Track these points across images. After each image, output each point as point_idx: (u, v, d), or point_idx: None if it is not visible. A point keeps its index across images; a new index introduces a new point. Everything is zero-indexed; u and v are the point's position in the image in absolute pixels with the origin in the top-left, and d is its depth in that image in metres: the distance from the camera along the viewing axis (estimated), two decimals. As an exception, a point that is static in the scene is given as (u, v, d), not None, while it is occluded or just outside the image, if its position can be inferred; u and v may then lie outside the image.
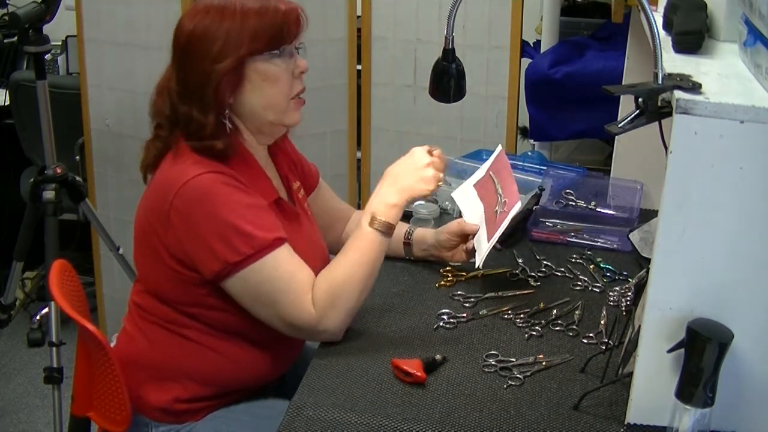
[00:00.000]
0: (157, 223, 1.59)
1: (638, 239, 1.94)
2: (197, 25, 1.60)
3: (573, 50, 2.82)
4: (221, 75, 1.58)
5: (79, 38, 2.99)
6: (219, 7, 1.60)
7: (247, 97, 1.62)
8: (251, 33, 1.58)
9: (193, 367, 1.65)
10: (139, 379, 1.66)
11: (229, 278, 1.56)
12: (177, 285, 1.62)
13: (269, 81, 1.62)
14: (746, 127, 1.21)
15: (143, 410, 1.66)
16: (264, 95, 1.63)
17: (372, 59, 2.96)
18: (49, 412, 2.74)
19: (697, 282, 1.29)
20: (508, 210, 1.85)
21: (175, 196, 1.54)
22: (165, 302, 1.65)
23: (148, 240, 1.63)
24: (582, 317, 1.72)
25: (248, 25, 1.59)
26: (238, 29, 1.58)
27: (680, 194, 1.25)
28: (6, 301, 2.93)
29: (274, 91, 1.64)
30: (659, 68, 1.31)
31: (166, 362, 1.66)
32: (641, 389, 1.36)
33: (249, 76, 1.61)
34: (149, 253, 1.64)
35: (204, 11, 1.61)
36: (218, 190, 1.55)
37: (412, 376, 1.49)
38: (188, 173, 1.55)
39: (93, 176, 3.10)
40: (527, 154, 2.82)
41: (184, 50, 1.61)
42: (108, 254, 2.98)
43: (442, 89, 1.93)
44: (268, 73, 1.62)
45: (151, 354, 1.67)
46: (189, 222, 1.55)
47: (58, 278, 1.76)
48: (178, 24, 1.64)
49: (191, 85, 1.60)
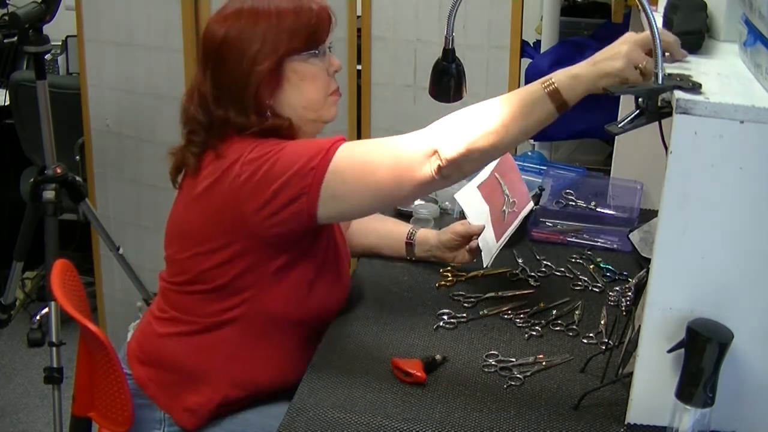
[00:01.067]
0: (222, 194, 1.56)
1: (638, 239, 1.94)
2: (230, 29, 1.59)
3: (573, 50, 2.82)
4: (261, 77, 1.58)
5: (79, 38, 2.99)
6: (252, 10, 1.59)
7: (287, 97, 1.63)
8: (289, 33, 1.59)
9: (226, 370, 1.65)
10: (170, 380, 1.67)
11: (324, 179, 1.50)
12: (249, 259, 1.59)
13: (308, 80, 1.63)
14: (746, 127, 1.21)
15: (169, 408, 1.67)
16: (304, 94, 1.64)
17: (372, 59, 2.96)
18: (49, 412, 2.74)
19: (697, 282, 1.29)
20: (518, 210, 1.84)
21: (239, 164, 1.54)
22: (212, 291, 1.62)
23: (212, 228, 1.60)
24: (582, 317, 1.72)
25: (285, 25, 1.59)
26: (274, 30, 1.58)
27: (680, 194, 1.25)
28: (6, 301, 2.92)
29: (312, 90, 1.65)
30: (659, 68, 1.31)
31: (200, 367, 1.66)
32: (641, 389, 1.36)
33: (288, 76, 1.62)
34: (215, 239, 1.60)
35: (235, 15, 1.60)
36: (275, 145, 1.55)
37: (412, 376, 1.49)
38: (246, 147, 1.56)
39: (93, 176, 3.10)
40: (527, 154, 2.82)
41: (218, 54, 1.60)
42: (108, 254, 2.98)
43: (442, 89, 1.93)
44: (306, 72, 1.63)
45: (183, 358, 1.67)
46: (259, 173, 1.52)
47: (59, 278, 1.76)
48: (207, 30, 1.63)
49: (229, 88, 1.60)
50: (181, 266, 1.69)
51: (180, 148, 1.67)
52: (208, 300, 1.65)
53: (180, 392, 1.67)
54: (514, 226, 1.82)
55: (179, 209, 1.69)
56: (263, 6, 1.60)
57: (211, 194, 1.60)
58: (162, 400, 1.67)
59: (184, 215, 1.67)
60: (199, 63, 1.66)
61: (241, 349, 1.65)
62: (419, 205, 2.11)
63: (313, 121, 1.68)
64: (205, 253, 1.62)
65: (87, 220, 2.87)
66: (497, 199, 1.86)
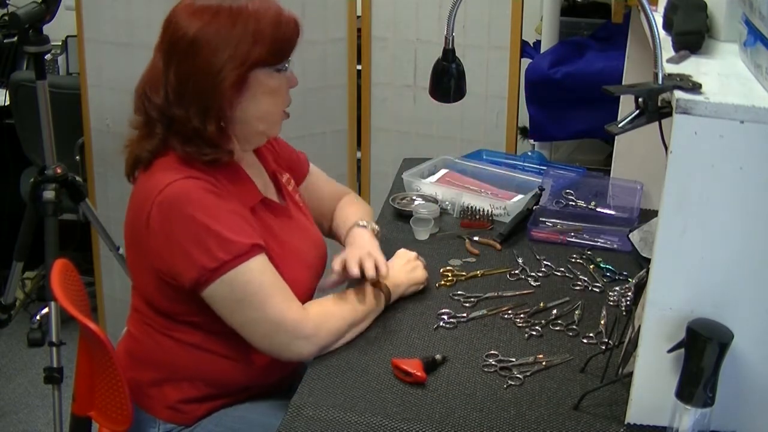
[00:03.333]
0: (140, 234, 1.57)
1: (638, 239, 1.94)
2: (206, 27, 1.54)
3: (573, 50, 2.82)
4: (229, 82, 1.54)
5: (79, 38, 2.99)
6: (231, 11, 1.55)
7: (245, 106, 1.60)
8: (264, 43, 1.55)
9: (198, 370, 1.65)
10: (148, 378, 1.66)
11: (209, 285, 1.53)
12: (168, 297, 1.60)
13: (269, 93, 1.61)
14: (746, 127, 1.21)
15: (151, 409, 1.67)
16: (260, 106, 1.61)
17: (372, 59, 2.95)
18: (49, 412, 2.74)
19: (697, 282, 1.29)
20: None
21: (153, 204, 1.53)
22: (160, 313, 1.64)
23: (137, 252, 1.63)
24: (582, 317, 1.72)
25: (263, 34, 1.55)
26: (251, 37, 1.54)
27: (680, 194, 1.25)
28: (6, 301, 2.93)
29: (270, 104, 1.62)
30: (659, 68, 1.31)
31: (172, 364, 1.66)
32: (641, 389, 1.36)
33: (250, 86, 1.58)
34: (138, 263, 1.64)
35: (213, 12, 1.54)
36: (194, 195, 1.53)
37: (412, 376, 1.49)
38: (165, 180, 1.54)
39: (93, 176, 3.10)
40: (527, 154, 2.82)
41: (188, 51, 1.55)
42: (108, 254, 2.98)
43: (442, 89, 1.93)
44: (270, 85, 1.60)
45: (157, 355, 1.67)
46: (166, 229, 1.53)
47: (59, 277, 1.76)
48: (177, 21, 1.57)
49: (194, 88, 1.55)
50: (131, 272, 1.70)
51: (135, 140, 1.64)
52: (156, 313, 1.65)
53: (158, 391, 1.66)
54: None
55: (126, 215, 1.66)
56: (243, 9, 1.55)
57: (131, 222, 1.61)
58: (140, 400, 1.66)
59: (125, 224, 1.66)
60: (162, 53, 1.59)
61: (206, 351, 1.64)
62: (419, 204, 2.11)
63: (260, 133, 1.67)
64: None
65: (87, 220, 2.88)
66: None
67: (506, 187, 2.27)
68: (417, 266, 1.80)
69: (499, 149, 2.75)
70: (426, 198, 2.18)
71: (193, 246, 1.51)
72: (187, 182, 1.54)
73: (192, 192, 1.53)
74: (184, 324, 1.63)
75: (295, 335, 1.55)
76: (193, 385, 1.65)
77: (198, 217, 1.51)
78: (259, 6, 1.57)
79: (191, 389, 1.65)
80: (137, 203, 1.59)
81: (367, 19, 2.91)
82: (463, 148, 2.76)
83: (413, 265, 1.79)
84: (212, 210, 1.53)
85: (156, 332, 1.66)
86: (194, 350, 1.64)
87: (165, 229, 1.53)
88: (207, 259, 1.51)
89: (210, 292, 1.54)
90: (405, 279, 1.76)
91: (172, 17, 1.59)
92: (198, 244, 1.51)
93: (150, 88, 1.61)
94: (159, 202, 1.53)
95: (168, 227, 1.52)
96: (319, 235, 1.84)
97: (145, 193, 1.56)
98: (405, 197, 2.20)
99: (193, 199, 1.52)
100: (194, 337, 1.63)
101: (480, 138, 2.85)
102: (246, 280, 1.53)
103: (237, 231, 1.54)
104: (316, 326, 1.56)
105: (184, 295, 1.57)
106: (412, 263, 1.80)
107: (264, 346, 1.58)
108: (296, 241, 1.71)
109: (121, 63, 2.92)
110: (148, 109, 1.61)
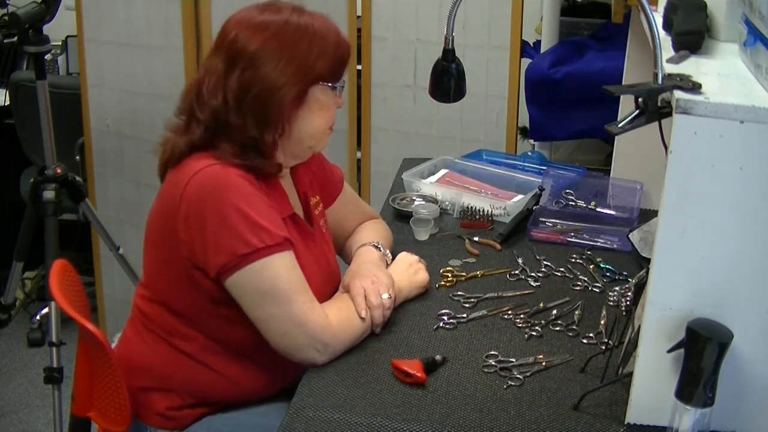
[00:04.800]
0: (168, 223, 1.55)
1: (638, 239, 1.94)
2: (269, 40, 1.55)
3: (573, 50, 2.82)
4: (291, 96, 1.56)
5: (79, 38, 2.99)
6: (297, 28, 1.57)
7: (300, 121, 1.61)
8: (327, 60, 1.58)
9: (190, 382, 1.64)
10: (139, 384, 1.65)
11: (236, 272, 1.50)
12: (189, 293, 1.58)
13: (323, 110, 1.62)
14: (746, 127, 1.21)
15: (143, 415, 1.66)
16: (314, 122, 1.62)
17: (372, 59, 2.95)
18: (49, 412, 2.75)
19: (697, 282, 1.29)
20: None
21: (186, 187, 1.51)
22: (172, 312, 1.63)
23: (161, 246, 1.61)
24: (582, 317, 1.72)
25: (326, 51, 1.58)
26: (316, 53, 1.57)
27: (680, 194, 1.25)
28: (6, 301, 2.93)
29: (323, 120, 1.64)
30: (659, 68, 1.31)
31: (164, 372, 1.65)
32: (641, 389, 1.36)
33: (308, 101, 1.60)
34: (162, 260, 1.61)
35: (279, 28, 1.56)
36: (231, 180, 1.51)
37: (412, 376, 1.49)
38: (198, 166, 1.53)
39: (93, 176, 3.10)
40: (527, 154, 2.82)
41: (252, 60, 1.55)
42: (108, 254, 2.98)
43: (442, 89, 1.93)
44: (324, 102, 1.62)
45: (150, 361, 1.66)
46: (198, 212, 1.50)
47: (58, 278, 1.76)
48: (236, 34, 1.57)
49: (253, 99, 1.55)
50: (146, 271, 1.68)
51: (172, 139, 1.61)
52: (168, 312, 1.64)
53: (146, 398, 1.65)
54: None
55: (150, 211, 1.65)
56: (310, 26, 1.58)
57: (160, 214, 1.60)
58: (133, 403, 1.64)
59: (148, 221, 1.65)
60: (222, 58, 1.58)
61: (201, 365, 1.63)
62: (419, 204, 2.11)
63: (309, 148, 1.67)
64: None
65: (87, 220, 2.88)
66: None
67: (506, 187, 2.27)
68: (419, 269, 1.79)
69: (499, 149, 2.75)
70: (426, 198, 2.18)
71: (225, 230, 1.49)
72: (223, 168, 1.53)
73: (228, 177, 1.52)
74: (191, 328, 1.61)
75: (315, 339, 1.53)
76: (181, 396, 1.64)
77: (234, 200, 1.49)
78: (322, 25, 1.60)
79: (178, 399, 1.64)
80: (166, 194, 1.57)
81: (367, 19, 2.92)
82: (463, 148, 2.76)
83: (415, 268, 1.79)
84: (248, 197, 1.51)
85: (154, 337, 1.65)
86: (188, 360, 1.62)
87: (197, 213, 1.50)
88: (238, 243, 1.48)
89: (235, 280, 1.51)
90: (407, 283, 1.75)
91: (232, 28, 1.59)
92: (230, 228, 1.48)
93: (208, 90, 1.58)
94: (193, 184, 1.51)
95: (201, 210, 1.50)
96: (336, 266, 1.81)
97: (176, 181, 1.54)
98: (405, 197, 2.20)
99: (229, 184, 1.51)
100: (191, 346, 1.62)
101: (480, 138, 2.85)
102: (275, 273, 1.51)
103: (272, 221, 1.53)
104: (334, 336, 1.54)
105: (202, 292, 1.56)
106: (414, 266, 1.79)
107: (280, 343, 1.54)
108: (314, 266, 1.68)
109: (121, 63, 2.92)
110: (198, 110, 1.59)
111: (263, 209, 1.53)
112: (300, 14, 1.60)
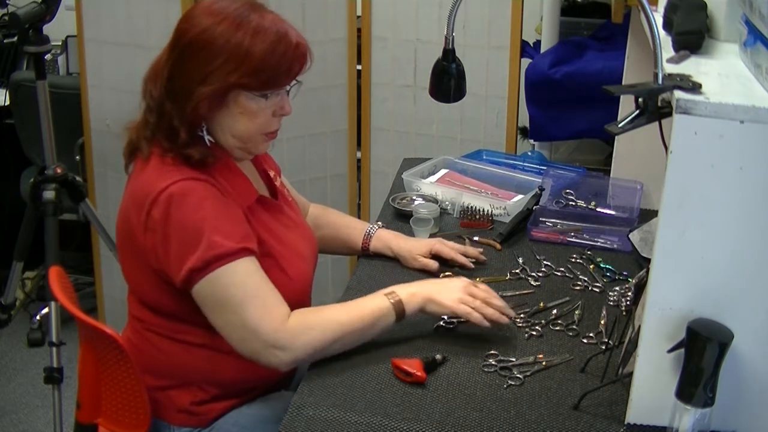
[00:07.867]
0: (136, 233, 1.57)
1: (638, 239, 1.94)
2: (208, 32, 1.53)
3: (573, 50, 2.82)
4: (204, 96, 1.54)
5: (79, 38, 2.99)
6: (236, 19, 1.54)
7: (220, 121, 1.60)
8: (249, 70, 1.53)
9: (206, 371, 1.64)
10: (155, 385, 1.65)
11: (196, 284, 1.53)
12: (172, 296, 1.59)
13: (246, 115, 1.59)
14: (746, 127, 1.21)
15: (163, 415, 1.66)
16: (236, 126, 1.60)
17: (372, 59, 2.96)
18: (49, 412, 2.74)
19: (697, 282, 1.29)
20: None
21: (152, 204, 1.53)
22: (165, 314, 1.63)
23: (130, 251, 1.62)
24: (582, 317, 1.72)
25: (251, 59, 1.53)
26: (240, 57, 1.52)
27: (680, 194, 1.25)
28: (6, 301, 2.92)
29: (248, 126, 1.61)
30: (659, 68, 1.31)
31: (177, 368, 1.65)
32: (641, 389, 1.36)
33: (228, 104, 1.57)
34: (134, 265, 1.63)
35: (223, 17, 1.54)
36: (193, 197, 1.53)
37: (412, 375, 1.49)
38: (164, 180, 1.54)
39: (93, 176, 3.10)
40: (527, 154, 2.82)
41: (183, 51, 1.56)
42: (108, 254, 2.98)
43: (442, 89, 1.93)
44: (247, 108, 1.59)
45: (160, 362, 1.65)
46: (164, 228, 1.53)
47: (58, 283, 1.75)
48: (189, 17, 1.57)
49: (177, 88, 1.57)
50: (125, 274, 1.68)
51: (135, 125, 1.64)
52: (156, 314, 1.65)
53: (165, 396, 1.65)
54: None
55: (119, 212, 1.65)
56: (245, 21, 1.54)
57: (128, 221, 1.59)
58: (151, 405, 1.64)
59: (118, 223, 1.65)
60: (168, 44, 1.60)
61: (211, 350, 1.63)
62: (419, 204, 2.11)
63: (239, 149, 1.66)
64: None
65: (87, 220, 2.88)
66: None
67: (506, 187, 2.27)
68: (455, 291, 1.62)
69: (499, 149, 2.75)
70: (426, 198, 2.18)
71: (184, 246, 1.52)
72: (189, 183, 1.54)
73: (192, 193, 1.54)
74: (191, 324, 1.62)
75: (268, 344, 1.52)
76: (202, 388, 1.65)
77: (193, 218, 1.52)
78: (261, 25, 1.55)
79: (200, 392, 1.65)
80: (134, 202, 1.58)
81: (367, 19, 2.92)
82: (463, 148, 2.76)
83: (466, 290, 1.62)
84: (207, 212, 1.54)
85: (160, 338, 1.65)
86: (203, 350, 1.63)
87: (163, 228, 1.53)
88: (194, 259, 1.52)
89: (196, 292, 1.54)
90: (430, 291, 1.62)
91: (191, 11, 1.59)
92: (189, 245, 1.52)
93: (150, 77, 1.63)
94: (158, 202, 1.53)
95: (165, 226, 1.53)
96: (309, 227, 1.85)
97: (144, 192, 1.56)
98: (405, 197, 2.20)
99: (191, 201, 1.53)
100: (203, 337, 1.62)
101: (480, 138, 2.86)
102: (228, 282, 1.53)
103: (227, 234, 1.54)
104: (291, 338, 1.52)
105: (185, 295, 1.57)
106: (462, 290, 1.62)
107: (240, 350, 1.56)
108: (292, 235, 1.72)
109: (121, 63, 2.92)
110: (146, 97, 1.63)
111: (221, 222, 1.54)
112: (251, 12, 1.55)
